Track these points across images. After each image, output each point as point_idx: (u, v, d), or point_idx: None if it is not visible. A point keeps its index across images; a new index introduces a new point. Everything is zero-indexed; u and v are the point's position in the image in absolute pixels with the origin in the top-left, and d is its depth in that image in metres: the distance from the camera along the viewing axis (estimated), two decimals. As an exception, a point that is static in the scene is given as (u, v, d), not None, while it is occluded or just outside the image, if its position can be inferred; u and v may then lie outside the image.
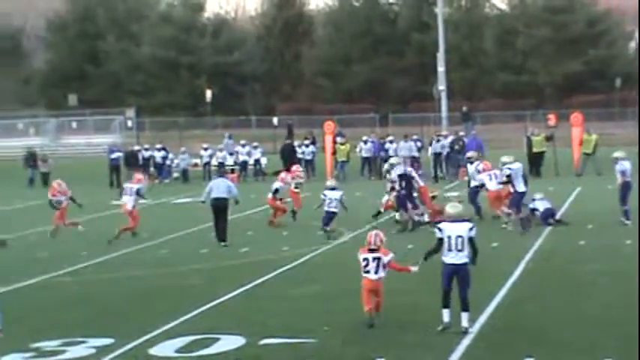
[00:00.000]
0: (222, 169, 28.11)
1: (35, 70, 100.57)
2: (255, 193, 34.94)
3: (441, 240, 14.89)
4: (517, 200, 25.64)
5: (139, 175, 30.24)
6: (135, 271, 21.89)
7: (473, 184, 28.40)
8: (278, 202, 28.84)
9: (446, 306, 14.94)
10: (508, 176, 25.75)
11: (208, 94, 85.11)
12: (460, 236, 14.80)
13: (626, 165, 26.00)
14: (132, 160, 47.42)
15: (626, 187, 25.81)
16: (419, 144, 45.89)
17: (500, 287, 17.99)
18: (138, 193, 27.64)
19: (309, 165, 46.40)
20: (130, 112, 79.67)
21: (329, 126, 49.13)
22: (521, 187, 25.63)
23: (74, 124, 76.62)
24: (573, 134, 44.21)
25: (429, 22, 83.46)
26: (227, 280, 20.13)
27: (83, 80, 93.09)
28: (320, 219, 26.47)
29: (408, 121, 67.03)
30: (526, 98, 79.62)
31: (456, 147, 43.55)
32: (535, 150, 43.12)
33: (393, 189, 27.13)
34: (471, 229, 14.93)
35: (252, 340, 14.79)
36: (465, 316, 14.79)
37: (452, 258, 14.84)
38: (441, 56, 63.36)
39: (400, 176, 26.82)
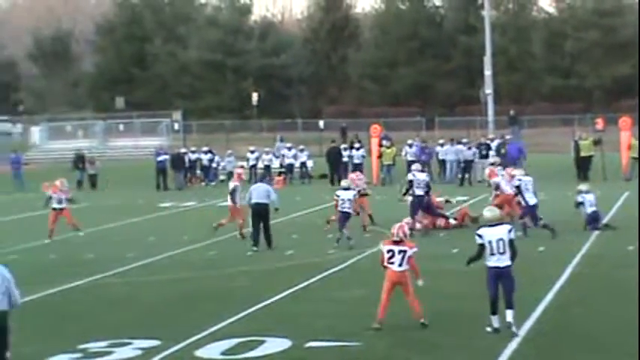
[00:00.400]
0: (264, 173, 27.97)
1: (83, 73, 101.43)
2: (300, 196, 35.00)
3: (482, 246, 14.99)
4: (533, 213, 25.51)
5: (238, 170, 30.38)
6: (181, 273, 21.98)
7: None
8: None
9: (494, 312, 15.00)
10: (517, 187, 25.67)
11: (254, 96, 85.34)
12: (501, 239, 14.91)
13: None
14: (178, 163, 47.68)
15: None
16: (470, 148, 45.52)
17: (547, 291, 17.86)
18: (232, 192, 27.55)
19: (357, 169, 46.31)
20: (177, 115, 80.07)
21: (375, 129, 49.08)
22: (531, 200, 25.52)
23: (121, 127, 77.12)
24: (621, 138, 43.82)
25: (476, 25, 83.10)
26: (273, 282, 20.16)
27: (130, 83, 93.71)
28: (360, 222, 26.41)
29: (454, 125, 66.77)
30: (574, 102, 78.97)
31: (502, 151, 43.33)
32: (583, 154, 42.81)
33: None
34: (510, 231, 15.04)
35: (297, 342, 14.80)
36: (509, 313, 14.83)
37: (495, 262, 14.93)
38: (487, 59, 63.17)
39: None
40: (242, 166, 49.64)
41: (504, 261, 14.90)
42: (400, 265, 15.61)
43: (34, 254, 26.21)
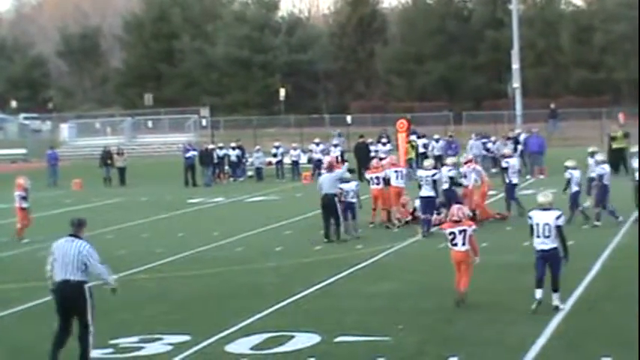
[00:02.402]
0: (329, 163, 28.10)
1: (112, 70, 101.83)
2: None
3: (531, 227, 15.91)
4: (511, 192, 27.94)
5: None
6: (210, 268, 22.05)
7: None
8: None
9: (539, 287, 15.82)
10: (504, 168, 28.78)
11: (282, 92, 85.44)
12: (547, 224, 15.70)
13: None
14: (207, 159, 47.81)
15: None
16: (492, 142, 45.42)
17: (578, 285, 17.80)
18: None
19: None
20: (205, 111, 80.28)
21: (401, 124, 48.94)
22: (514, 180, 28.41)
23: (150, 124, 77.45)
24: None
25: (503, 18, 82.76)
26: (302, 277, 20.20)
27: (158, 80, 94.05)
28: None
29: (481, 119, 66.60)
30: (602, 95, 78.57)
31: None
32: (615, 146, 42.44)
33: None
34: (558, 217, 15.82)
35: (326, 337, 14.82)
36: (555, 296, 15.76)
37: (540, 244, 15.79)
38: (515, 53, 62.87)
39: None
40: (270, 162, 50.09)
41: (549, 244, 15.69)
42: (463, 244, 16.48)
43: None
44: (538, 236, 15.78)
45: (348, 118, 72.96)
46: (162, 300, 18.73)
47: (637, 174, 26.76)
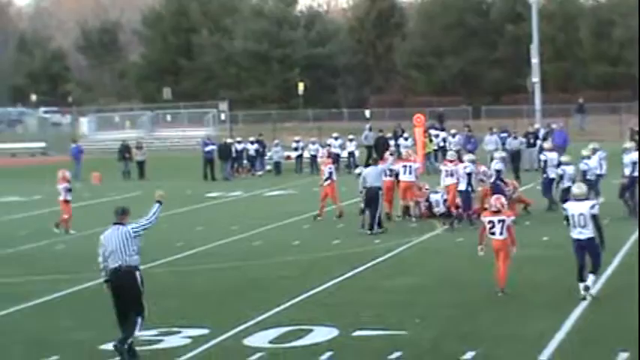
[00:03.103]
0: (375, 157, 28.50)
1: (131, 64, 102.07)
2: (346, 186, 34.95)
3: (567, 217, 16.54)
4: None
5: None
6: (229, 262, 22.14)
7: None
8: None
9: (580, 280, 16.29)
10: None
11: (300, 86, 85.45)
12: (582, 214, 16.22)
13: None
14: (225, 153, 47.87)
15: None
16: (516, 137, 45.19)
17: (596, 280, 17.75)
18: None
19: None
20: (224, 105, 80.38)
21: (418, 119, 48.97)
22: (552, 174, 27.80)
23: (168, 117, 77.64)
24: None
25: (523, 13, 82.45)
26: (320, 271, 20.26)
27: (177, 74, 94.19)
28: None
29: (501, 114, 66.47)
30: (622, 90, 78.26)
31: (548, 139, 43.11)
32: None
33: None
34: (592, 207, 16.31)
35: (345, 331, 14.87)
36: (590, 277, 16.28)
37: (577, 234, 16.32)
38: (535, 48, 62.65)
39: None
40: (289, 156, 50.15)
41: (584, 234, 16.20)
42: (501, 233, 16.94)
43: (81, 244, 26.50)
44: (574, 226, 16.29)
45: (367, 113, 72.94)
46: (181, 293, 18.81)
47: (626, 170, 26.63)
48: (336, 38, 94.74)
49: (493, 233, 17.03)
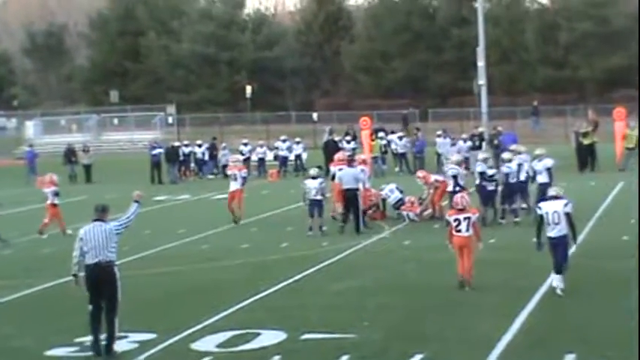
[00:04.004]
0: (351, 157, 28.65)
1: (77, 67, 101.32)
2: (294, 189, 34.98)
3: (541, 216, 17.06)
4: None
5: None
6: (176, 266, 22.01)
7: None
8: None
9: (558, 272, 16.93)
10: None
11: (248, 89, 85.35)
12: (556, 212, 16.87)
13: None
14: (173, 156, 47.68)
15: None
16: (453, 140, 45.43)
17: (542, 282, 17.87)
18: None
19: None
20: (171, 109, 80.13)
21: (365, 122, 49.09)
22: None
23: (116, 121, 77.20)
24: (616, 129, 43.85)
25: (468, 17, 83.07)
26: (268, 275, 20.20)
27: (124, 77, 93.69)
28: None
29: (447, 117, 66.84)
30: (567, 93, 79.02)
31: (495, 142, 43.44)
32: (586, 142, 42.43)
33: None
34: (566, 205, 16.96)
35: (293, 334, 14.83)
36: (557, 278, 16.84)
37: (551, 231, 16.89)
38: (480, 51, 63.02)
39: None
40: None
41: (559, 231, 16.83)
42: (467, 230, 17.58)
43: (29, 248, 26.23)
44: (548, 224, 16.85)
45: (314, 115, 73.03)
46: (128, 298, 18.52)
47: (539, 177, 26.74)
48: (284, 41, 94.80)
49: (459, 230, 17.63)
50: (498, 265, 20.11)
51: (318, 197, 25.70)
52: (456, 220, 17.72)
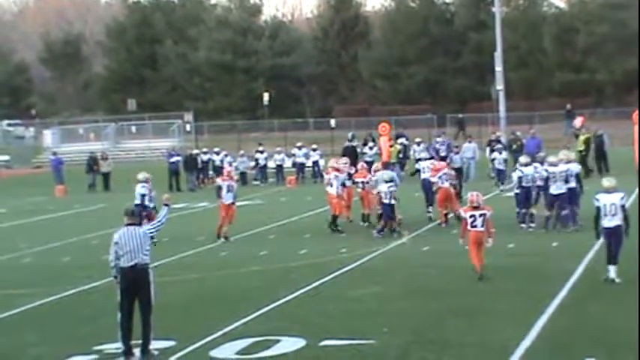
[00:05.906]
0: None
1: (94, 75, 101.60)
2: (311, 196, 35.02)
3: (598, 208, 18.10)
4: None
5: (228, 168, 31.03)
6: (195, 273, 22.03)
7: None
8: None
9: (609, 262, 18.05)
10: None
11: (265, 96, 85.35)
12: (613, 204, 17.98)
13: None
14: (191, 164, 47.75)
15: None
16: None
17: (562, 287, 17.83)
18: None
19: (370, 166, 46.18)
20: (188, 116, 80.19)
21: (383, 128, 49.06)
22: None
23: (133, 129, 77.30)
24: (635, 132, 43.66)
25: (486, 21, 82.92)
26: (287, 281, 20.19)
27: (141, 85, 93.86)
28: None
29: (465, 122, 66.67)
30: (585, 97, 78.74)
31: (514, 147, 43.29)
32: (578, 148, 42.27)
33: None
34: (622, 198, 18.11)
35: (312, 341, 14.82)
36: (612, 269, 17.96)
37: (608, 222, 17.96)
38: (498, 56, 62.94)
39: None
40: (254, 166, 50.04)
41: (615, 222, 17.91)
42: (482, 225, 18.98)
43: (48, 256, 26.32)
44: (605, 215, 17.95)
45: (332, 122, 72.98)
46: (147, 306, 18.64)
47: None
48: (301, 48, 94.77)
49: (475, 226, 18.98)
50: (517, 270, 20.06)
51: (392, 202, 26.04)
52: (471, 216, 19.06)
